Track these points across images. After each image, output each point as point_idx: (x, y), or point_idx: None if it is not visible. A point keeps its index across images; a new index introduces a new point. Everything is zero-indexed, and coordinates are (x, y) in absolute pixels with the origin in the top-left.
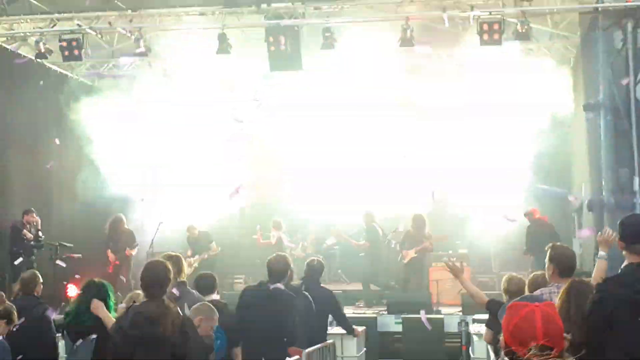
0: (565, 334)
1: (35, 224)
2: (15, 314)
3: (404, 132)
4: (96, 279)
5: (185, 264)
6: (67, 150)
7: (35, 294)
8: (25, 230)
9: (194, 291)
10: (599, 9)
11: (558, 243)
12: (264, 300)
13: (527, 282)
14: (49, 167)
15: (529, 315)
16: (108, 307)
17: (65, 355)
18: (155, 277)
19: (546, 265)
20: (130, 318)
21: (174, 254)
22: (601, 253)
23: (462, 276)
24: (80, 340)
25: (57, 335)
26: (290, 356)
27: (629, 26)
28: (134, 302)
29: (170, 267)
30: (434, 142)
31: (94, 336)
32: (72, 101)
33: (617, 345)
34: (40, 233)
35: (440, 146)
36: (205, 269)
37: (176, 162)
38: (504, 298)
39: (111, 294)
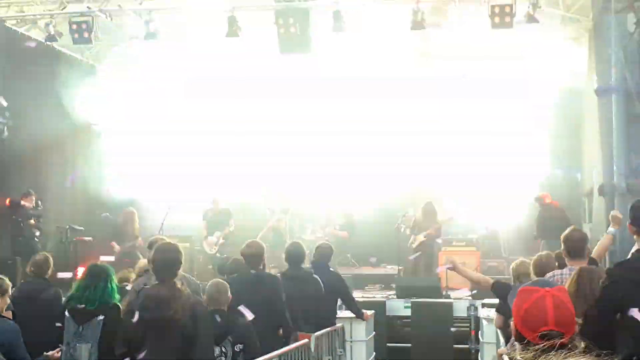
0: (577, 319)
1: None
2: (6, 281)
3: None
4: (98, 263)
5: None
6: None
7: (46, 277)
8: (22, 202)
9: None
10: None
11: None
12: (250, 286)
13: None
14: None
15: (539, 300)
16: (111, 291)
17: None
18: (166, 260)
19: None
20: (141, 301)
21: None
22: (610, 229)
23: (459, 268)
24: (86, 323)
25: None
26: (285, 339)
27: None
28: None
29: (181, 249)
30: (446, 123)
31: (101, 317)
32: (83, 84)
33: (627, 331)
34: (39, 202)
35: (451, 129)
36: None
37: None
38: (515, 283)
39: (114, 277)
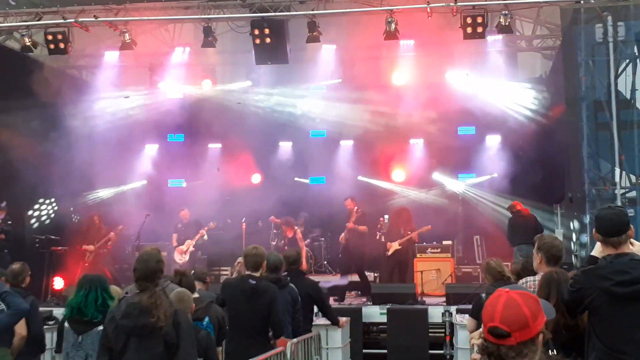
0: (543, 328)
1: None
2: None
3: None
4: (90, 274)
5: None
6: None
7: (23, 286)
8: None
9: None
10: (581, 2)
11: (546, 234)
12: (248, 293)
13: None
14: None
15: (494, 300)
16: (107, 299)
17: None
18: (147, 268)
19: (534, 255)
20: (123, 309)
21: None
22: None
23: None
24: (86, 333)
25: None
26: (276, 347)
27: (610, 20)
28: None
29: (162, 258)
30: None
31: (101, 327)
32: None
33: (595, 335)
34: (8, 217)
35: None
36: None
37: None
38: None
39: (107, 287)
